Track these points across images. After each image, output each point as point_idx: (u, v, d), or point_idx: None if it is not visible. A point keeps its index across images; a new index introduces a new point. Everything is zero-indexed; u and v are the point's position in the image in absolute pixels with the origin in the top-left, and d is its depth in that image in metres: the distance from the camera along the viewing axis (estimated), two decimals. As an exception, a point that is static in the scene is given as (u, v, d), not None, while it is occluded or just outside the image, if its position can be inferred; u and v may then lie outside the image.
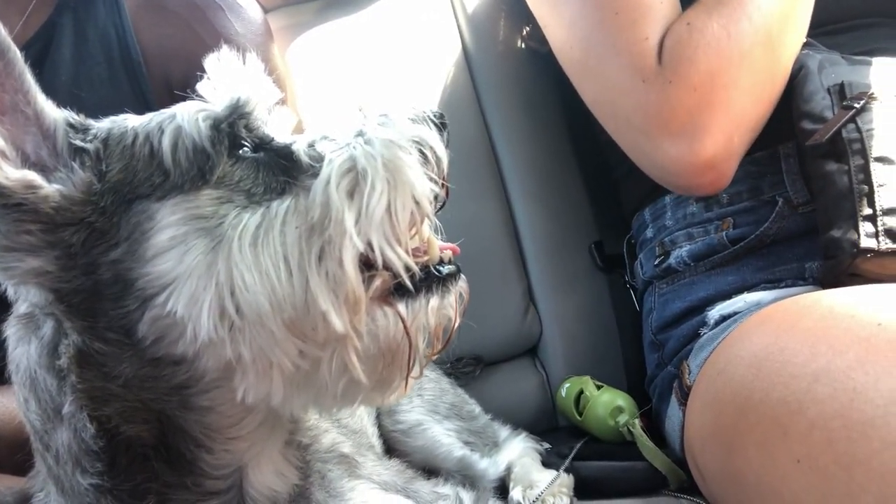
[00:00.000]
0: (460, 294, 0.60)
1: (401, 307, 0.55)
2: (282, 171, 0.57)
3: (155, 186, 0.54)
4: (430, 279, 0.57)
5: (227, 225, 0.52)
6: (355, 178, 0.53)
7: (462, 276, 0.61)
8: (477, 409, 1.14)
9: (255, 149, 0.59)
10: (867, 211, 0.88)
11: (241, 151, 0.57)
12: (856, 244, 0.87)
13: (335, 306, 0.50)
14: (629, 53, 0.96)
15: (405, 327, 0.55)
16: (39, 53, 1.10)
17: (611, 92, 1.00)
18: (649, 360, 1.18)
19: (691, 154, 0.93)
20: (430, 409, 1.03)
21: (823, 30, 1.05)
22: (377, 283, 0.53)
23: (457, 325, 0.61)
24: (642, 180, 1.24)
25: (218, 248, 0.51)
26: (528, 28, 1.44)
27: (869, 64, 1.00)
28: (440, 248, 0.60)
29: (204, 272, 0.51)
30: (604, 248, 1.38)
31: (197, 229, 0.52)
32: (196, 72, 1.21)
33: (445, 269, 0.59)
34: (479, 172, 1.40)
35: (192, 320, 0.51)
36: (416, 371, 0.58)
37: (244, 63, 0.65)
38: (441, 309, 0.58)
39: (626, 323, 1.34)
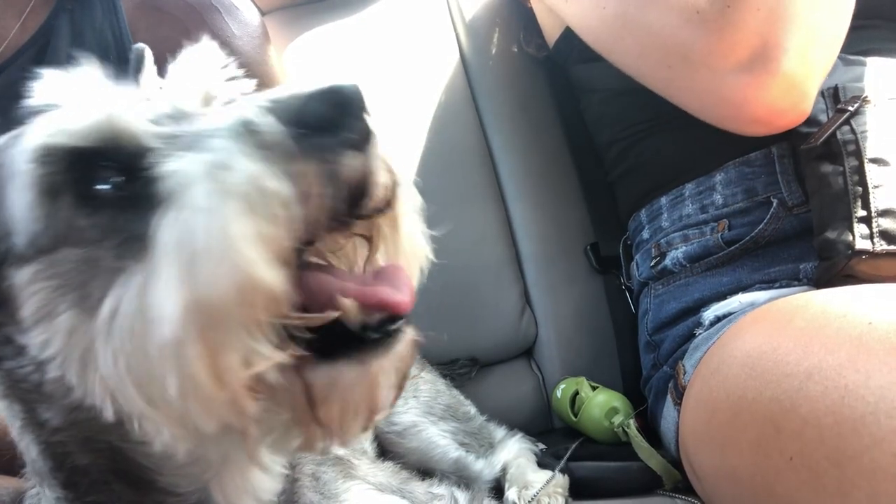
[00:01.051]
0: (402, 357, 0.44)
1: (312, 375, 0.42)
2: (150, 208, 0.41)
3: (11, 244, 0.45)
4: (349, 341, 0.42)
5: (96, 298, 0.42)
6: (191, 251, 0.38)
7: (406, 333, 0.44)
8: (472, 410, 1.14)
9: (122, 184, 0.43)
10: (862, 212, 0.88)
11: (102, 189, 0.43)
12: (850, 246, 0.87)
13: (206, 412, 0.40)
14: None
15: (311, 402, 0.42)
16: (36, 56, 1.10)
17: (659, 37, 0.94)
18: (645, 361, 1.18)
19: (767, 75, 0.86)
20: (425, 410, 1.03)
21: None
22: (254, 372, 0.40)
23: (394, 398, 0.46)
24: (638, 182, 1.25)
25: (90, 327, 0.42)
26: (522, 34, 1.44)
27: (864, 65, 1.00)
28: (376, 301, 0.43)
29: (81, 354, 0.43)
30: (599, 249, 1.38)
31: (64, 301, 0.43)
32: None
33: (379, 331, 0.43)
34: (476, 176, 1.41)
35: (86, 391, 0.45)
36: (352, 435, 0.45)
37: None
38: (358, 384, 0.42)
39: (621, 324, 1.34)
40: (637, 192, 1.25)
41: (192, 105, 0.50)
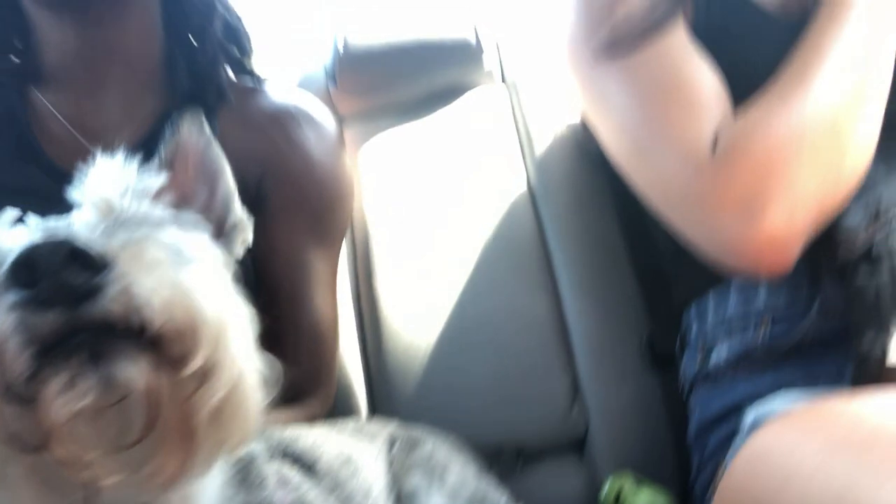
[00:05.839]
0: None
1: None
2: None
3: None
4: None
5: None
6: None
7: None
8: (503, 501, 1.12)
9: None
10: None
11: None
12: (884, 356, 0.84)
13: None
14: (681, 147, 0.95)
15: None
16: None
17: (663, 177, 0.99)
18: (693, 462, 1.14)
19: (750, 229, 0.89)
20: (449, 495, 1.03)
21: None
22: None
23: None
24: (693, 277, 1.24)
25: None
26: (576, 126, 1.50)
27: None
28: None
29: None
30: (654, 344, 1.36)
31: None
32: (268, 174, 1.32)
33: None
34: (529, 266, 1.44)
35: None
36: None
37: None
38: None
39: (677, 420, 1.30)
40: (691, 287, 1.23)
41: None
